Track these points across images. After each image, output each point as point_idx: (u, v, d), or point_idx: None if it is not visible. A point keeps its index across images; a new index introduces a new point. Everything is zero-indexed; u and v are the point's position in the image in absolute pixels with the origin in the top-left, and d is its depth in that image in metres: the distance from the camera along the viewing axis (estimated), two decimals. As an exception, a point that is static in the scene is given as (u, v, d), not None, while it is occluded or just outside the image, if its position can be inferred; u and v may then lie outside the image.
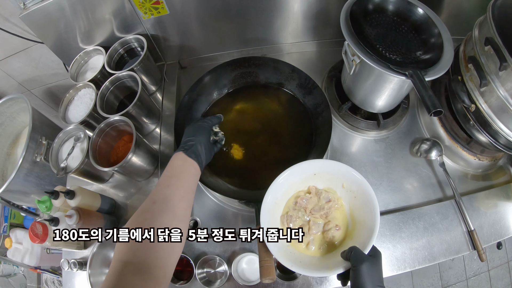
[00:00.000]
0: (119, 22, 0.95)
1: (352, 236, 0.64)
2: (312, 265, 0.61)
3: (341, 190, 0.68)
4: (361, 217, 0.64)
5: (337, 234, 0.64)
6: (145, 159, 0.88)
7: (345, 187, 0.68)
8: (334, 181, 0.68)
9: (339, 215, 0.67)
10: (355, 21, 0.76)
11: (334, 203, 0.67)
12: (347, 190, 0.68)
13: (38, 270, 1.37)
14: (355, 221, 0.66)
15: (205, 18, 0.96)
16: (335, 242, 0.64)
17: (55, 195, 0.81)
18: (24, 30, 1.02)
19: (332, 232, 0.64)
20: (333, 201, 0.67)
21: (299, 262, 0.60)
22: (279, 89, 0.95)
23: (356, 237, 0.63)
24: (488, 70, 0.73)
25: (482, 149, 0.91)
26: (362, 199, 0.65)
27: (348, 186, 0.67)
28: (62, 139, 0.91)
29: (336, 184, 0.68)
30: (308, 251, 0.64)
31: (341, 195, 0.69)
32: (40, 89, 1.31)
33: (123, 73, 0.92)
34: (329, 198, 0.67)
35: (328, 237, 0.64)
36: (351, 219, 0.67)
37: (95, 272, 0.82)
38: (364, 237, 0.60)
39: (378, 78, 0.79)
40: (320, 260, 0.63)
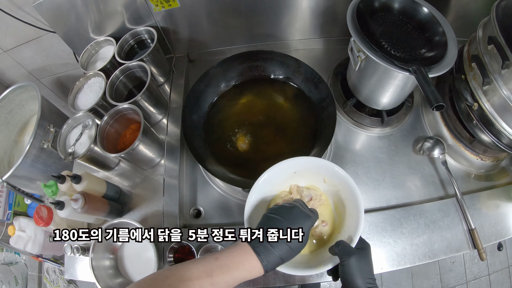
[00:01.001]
0: (130, 13, 0.97)
1: (340, 230, 0.63)
2: (301, 263, 0.60)
3: (323, 185, 0.67)
4: (346, 210, 0.64)
5: (325, 229, 0.64)
6: (152, 148, 0.90)
7: (327, 181, 0.67)
8: (315, 177, 0.67)
9: (324, 211, 0.66)
10: (361, 18, 0.78)
11: (316, 200, 0.66)
12: (329, 185, 0.66)
13: (40, 258, 1.38)
14: (341, 215, 0.65)
15: (214, 12, 0.98)
16: (324, 237, 0.64)
17: (61, 179, 0.83)
18: (36, 19, 1.04)
19: (320, 229, 0.63)
20: (315, 198, 0.66)
21: (289, 262, 0.58)
22: (286, 83, 0.96)
23: (344, 230, 0.62)
24: (491, 69, 0.74)
25: (484, 149, 0.91)
26: (345, 192, 0.64)
27: (330, 180, 0.66)
28: (71, 125, 0.92)
29: (317, 180, 0.67)
30: None
31: (324, 190, 0.68)
32: (50, 78, 1.33)
33: (133, 63, 0.94)
34: (311, 195, 0.66)
35: (316, 234, 0.63)
36: (337, 213, 0.66)
37: (98, 257, 0.83)
38: (351, 229, 0.59)
39: (382, 74, 0.80)
40: (309, 257, 0.62)
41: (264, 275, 0.50)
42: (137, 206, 0.92)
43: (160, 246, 0.84)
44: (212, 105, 0.94)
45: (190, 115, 0.87)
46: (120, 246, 0.89)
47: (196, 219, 0.90)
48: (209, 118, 0.93)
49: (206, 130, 0.91)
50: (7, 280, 1.43)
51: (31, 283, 1.53)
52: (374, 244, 0.82)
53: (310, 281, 0.82)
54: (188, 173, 0.96)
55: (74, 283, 1.62)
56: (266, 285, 0.81)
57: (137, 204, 0.93)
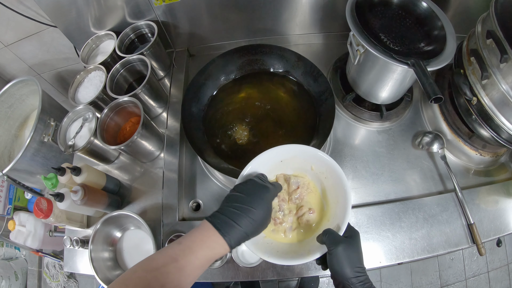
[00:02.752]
0: (131, 8, 0.97)
1: (328, 218, 0.62)
2: (289, 253, 0.59)
3: (311, 173, 0.66)
4: (334, 198, 0.62)
5: (312, 217, 0.63)
6: (151, 141, 0.90)
7: (314, 169, 0.65)
8: (302, 165, 0.66)
9: (312, 199, 0.65)
10: (361, 12, 0.78)
11: (304, 188, 0.65)
12: (317, 172, 0.65)
13: (40, 253, 1.38)
14: (329, 202, 0.64)
15: (215, 7, 0.99)
16: (312, 225, 0.63)
17: (61, 171, 0.83)
18: (37, 13, 1.05)
19: (306, 217, 0.62)
20: (302, 186, 0.65)
21: (276, 252, 0.58)
22: (285, 77, 0.97)
23: (332, 218, 0.61)
24: (490, 63, 0.74)
25: (484, 144, 0.92)
26: (333, 179, 0.62)
27: (317, 168, 0.64)
28: (71, 118, 0.93)
29: (304, 167, 0.66)
30: (285, 239, 0.62)
31: (312, 178, 0.66)
32: (50, 73, 1.33)
33: (133, 56, 0.94)
34: (299, 183, 0.65)
35: (303, 222, 0.62)
36: (325, 201, 0.65)
37: (97, 248, 0.84)
38: (339, 217, 0.58)
39: (381, 68, 0.81)
40: (298, 246, 0.61)
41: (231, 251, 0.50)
42: (136, 199, 0.93)
43: (159, 238, 0.84)
44: (212, 98, 0.95)
45: (189, 108, 0.87)
46: (119, 238, 0.90)
47: (196, 212, 0.90)
48: (209, 111, 0.94)
49: (205, 123, 0.91)
50: (7, 275, 1.44)
51: (31, 278, 1.53)
52: (373, 238, 0.82)
53: (308, 274, 0.82)
54: (188, 166, 0.96)
55: (73, 277, 1.62)
56: (264, 278, 0.81)
57: (136, 197, 0.93)
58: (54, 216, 0.85)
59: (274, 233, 0.62)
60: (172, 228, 0.85)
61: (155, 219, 0.87)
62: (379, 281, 1.62)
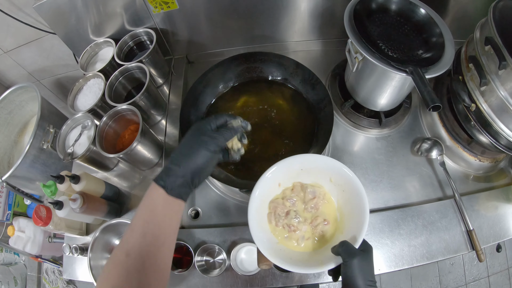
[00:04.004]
0: (129, 15, 0.98)
1: (342, 230, 0.62)
2: (303, 261, 0.60)
3: (329, 184, 0.66)
4: (350, 211, 0.63)
5: (326, 228, 0.63)
6: (150, 149, 0.90)
7: (333, 181, 0.66)
8: (321, 176, 0.66)
9: (327, 210, 0.65)
10: (359, 19, 0.78)
11: (320, 199, 0.65)
12: (335, 184, 0.66)
13: (39, 259, 1.38)
14: (344, 215, 0.64)
15: (213, 14, 0.99)
16: (325, 237, 0.63)
17: (60, 179, 0.83)
18: (36, 21, 1.05)
19: (321, 227, 0.63)
20: (318, 196, 0.65)
21: (289, 259, 0.59)
22: (283, 84, 0.97)
23: (347, 231, 0.61)
24: (488, 69, 0.74)
25: (482, 150, 0.92)
26: (351, 192, 0.63)
27: (336, 179, 0.65)
28: (70, 126, 0.93)
29: (323, 178, 0.66)
30: (298, 247, 0.63)
31: (329, 189, 0.67)
32: (50, 79, 1.33)
33: (132, 64, 0.95)
34: (315, 193, 0.65)
35: (317, 232, 0.63)
36: (340, 213, 0.65)
37: (96, 256, 0.83)
38: (355, 231, 0.59)
39: (380, 75, 0.81)
40: (310, 255, 0.62)
41: (169, 197, 0.50)
42: (135, 206, 0.93)
43: (158, 246, 0.84)
44: (211, 106, 0.95)
45: (188, 116, 0.87)
46: (118, 246, 0.90)
47: (195, 220, 0.90)
48: (208, 119, 0.93)
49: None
50: (6, 281, 1.44)
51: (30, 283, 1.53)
52: (372, 245, 0.82)
53: (308, 282, 0.82)
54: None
55: (73, 283, 1.62)
56: (263, 286, 0.81)
57: (135, 204, 0.93)
58: (53, 224, 0.85)
59: (287, 240, 0.63)
60: (171, 236, 0.85)
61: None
62: (380, 287, 1.60)
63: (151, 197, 0.50)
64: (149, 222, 0.49)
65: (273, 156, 0.85)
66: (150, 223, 0.49)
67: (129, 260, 0.46)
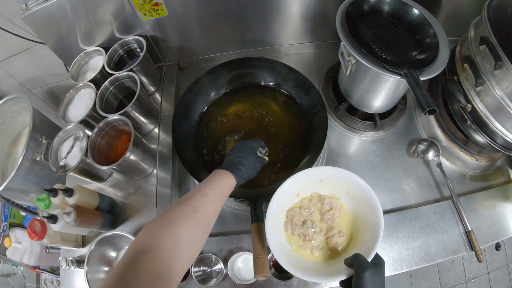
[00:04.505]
0: (119, 23, 0.96)
1: (356, 243, 0.64)
2: (315, 271, 0.61)
3: (345, 197, 0.68)
4: (365, 224, 0.64)
5: (340, 240, 0.64)
6: (143, 158, 0.89)
7: (350, 194, 0.67)
8: (339, 188, 0.68)
9: (343, 222, 0.67)
10: (351, 22, 0.77)
11: (336, 210, 0.67)
12: (352, 197, 0.67)
13: (37, 269, 1.37)
14: (359, 228, 0.65)
15: (204, 19, 0.97)
16: (339, 249, 0.64)
17: (53, 192, 0.82)
18: (26, 31, 1.04)
19: (336, 239, 0.64)
20: (335, 208, 0.67)
21: (303, 268, 0.60)
22: (276, 90, 0.96)
23: (360, 244, 0.62)
24: (484, 69, 0.73)
25: (479, 149, 0.91)
26: (366, 206, 0.64)
27: (353, 193, 0.67)
28: (61, 138, 0.92)
29: (340, 190, 0.68)
30: (312, 256, 0.64)
31: (345, 202, 0.68)
32: (41, 89, 1.32)
33: (122, 73, 0.93)
34: (332, 204, 0.67)
35: (332, 244, 0.64)
36: (355, 226, 0.66)
37: (93, 270, 0.83)
38: (368, 244, 0.60)
39: (374, 78, 0.80)
40: (323, 266, 0.63)
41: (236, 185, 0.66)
42: (131, 217, 0.92)
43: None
44: (203, 114, 0.94)
45: (180, 126, 0.86)
46: (114, 258, 0.89)
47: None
48: (200, 127, 0.93)
49: (197, 140, 0.90)
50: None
51: (29, 294, 1.52)
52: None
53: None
54: (181, 182, 0.96)
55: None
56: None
57: (131, 215, 0.92)
58: (48, 237, 0.84)
59: (301, 248, 0.65)
60: (167, 246, 0.84)
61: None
62: (379, 287, 1.60)
63: (225, 180, 0.64)
64: (218, 195, 0.61)
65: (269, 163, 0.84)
66: (217, 196, 0.60)
67: (197, 216, 0.54)
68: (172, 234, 0.50)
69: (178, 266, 0.48)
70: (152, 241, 0.48)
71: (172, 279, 0.46)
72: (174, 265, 0.47)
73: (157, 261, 0.46)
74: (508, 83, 0.69)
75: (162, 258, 0.47)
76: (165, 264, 0.46)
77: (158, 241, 0.48)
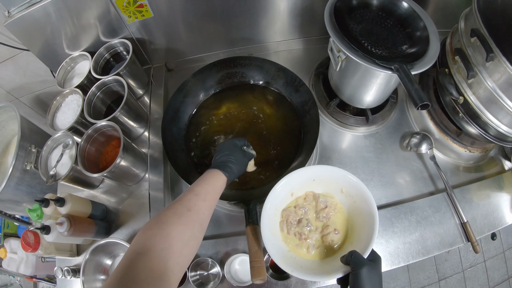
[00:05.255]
0: (104, 26, 0.94)
1: (351, 240, 0.64)
2: (312, 269, 0.62)
3: (340, 195, 0.69)
4: (360, 222, 0.64)
5: (336, 238, 0.65)
6: (134, 164, 0.88)
7: (344, 192, 0.68)
8: (333, 186, 0.68)
9: (338, 220, 0.67)
10: (340, 17, 0.76)
11: (331, 208, 0.67)
12: (347, 195, 0.68)
13: (34, 279, 1.36)
14: (354, 226, 0.66)
15: (190, 19, 0.96)
16: (335, 246, 0.65)
17: (45, 203, 0.81)
18: (9, 38, 1.02)
19: (331, 237, 0.64)
20: (330, 206, 0.67)
21: (300, 267, 0.61)
22: (266, 88, 0.95)
23: (356, 241, 0.63)
24: (475, 61, 0.73)
25: (472, 141, 0.91)
26: (361, 203, 0.65)
27: (347, 191, 0.67)
28: (50, 146, 0.90)
29: (335, 189, 0.69)
30: (308, 255, 0.65)
31: (340, 200, 0.69)
32: (29, 96, 1.30)
33: (109, 78, 0.92)
34: (327, 203, 0.67)
35: (327, 242, 0.64)
36: (350, 224, 0.67)
37: (89, 279, 0.82)
38: (364, 241, 0.60)
39: (364, 73, 0.79)
40: (320, 264, 0.63)
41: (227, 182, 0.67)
42: (125, 223, 0.91)
43: (150, 263, 0.82)
44: (192, 116, 0.92)
45: (170, 129, 0.85)
46: (110, 266, 0.88)
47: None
48: (190, 130, 0.92)
49: (187, 143, 0.89)
50: (4, 302, 1.42)
51: (27, 303, 1.51)
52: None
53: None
54: (174, 185, 0.95)
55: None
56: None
57: (124, 221, 0.91)
58: (42, 248, 0.83)
59: (297, 247, 0.65)
60: (163, 252, 0.83)
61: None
62: (378, 280, 1.61)
63: (215, 178, 0.65)
64: (210, 193, 0.61)
65: (260, 163, 0.83)
66: (209, 194, 0.61)
67: (190, 214, 0.55)
68: (168, 234, 0.50)
69: (177, 264, 0.48)
70: (149, 242, 0.48)
71: (171, 278, 0.47)
72: (173, 264, 0.47)
73: (156, 261, 0.46)
74: (500, 74, 0.69)
75: (161, 257, 0.47)
76: (164, 263, 0.46)
77: (155, 241, 0.48)
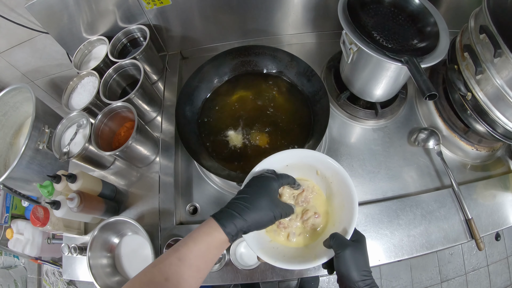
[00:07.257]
0: (122, 12, 0.97)
1: (333, 222, 0.62)
2: (296, 257, 0.59)
3: (315, 177, 0.66)
4: (339, 202, 0.62)
5: (317, 221, 0.63)
6: (146, 146, 0.90)
7: (319, 174, 0.65)
8: (307, 170, 0.65)
9: (317, 203, 0.65)
10: (353, 11, 0.78)
11: (309, 192, 0.65)
12: (322, 177, 0.65)
13: (39, 261, 1.38)
14: (334, 207, 0.63)
15: (206, 9, 0.98)
16: (317, 231, 0.63)
17: (57, 178, 0.83)
18: (29, 21, 1.04)
19: (312, 221, 0.62)
20: (307, 189, 0.65)
21: (283, 257, 0.58)
22: (278, 77, 0.97)
23: (338, 223, 0.60)
24: (484, 58, 0.74)
25: (479, 139, 0.91)
26: (338, 184, 0.62)
27: (322, 172, 0.65)
28: (65, 125, 0.92)
29: (310, 172, 0.66)
30: (291, 243, 0.62)
31: (317, 182, 0.66)
32: (44, 80, 1.32)
33: (126, 61, 0.94)
34: (303, 187, 0.65)
35: (309, 226, 0.62)
36: (330, 205, 0.65)
37: (95, 255, 0.83)
38: (345, 222, 0.58)
39: (375, 66, 0.80)
40: (304, 251, 0.61)
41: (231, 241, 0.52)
42: (133, 204, 0.92)
43: (157, 243, 0.84)
44: (206, 101, 0.94)
45: (183, 112, 0.87)
46: (117, 244, 0.89)
47: (193, 215, 0.90)
48: (203, 113, 0.93)
49: (200, 126, 0.91)
50: (7, 284, 1.43)
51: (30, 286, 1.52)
52: (371, 236, 0.82)
53: (308, 275, 0.82)
54: (184, 170, 0.96)
55: (73, 284, 1.62)
56: (264, 280, 0.81)
57: (133, 202, 0.93)
58: (51, 224, 0.85)
59: (278, 236, 0.62)
60: (170, 233, 0.85)
61: (153, 224, 0.87)
62: (379, 278, 1.62)
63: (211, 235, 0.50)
64: (199, 258, 0.49)
65: (269, 149, 0.85)
66: (198, 259, 0.49)
67: (168, 285, 0.46)
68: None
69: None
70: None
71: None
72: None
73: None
74: (508, 71, 0.70)
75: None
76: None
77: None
